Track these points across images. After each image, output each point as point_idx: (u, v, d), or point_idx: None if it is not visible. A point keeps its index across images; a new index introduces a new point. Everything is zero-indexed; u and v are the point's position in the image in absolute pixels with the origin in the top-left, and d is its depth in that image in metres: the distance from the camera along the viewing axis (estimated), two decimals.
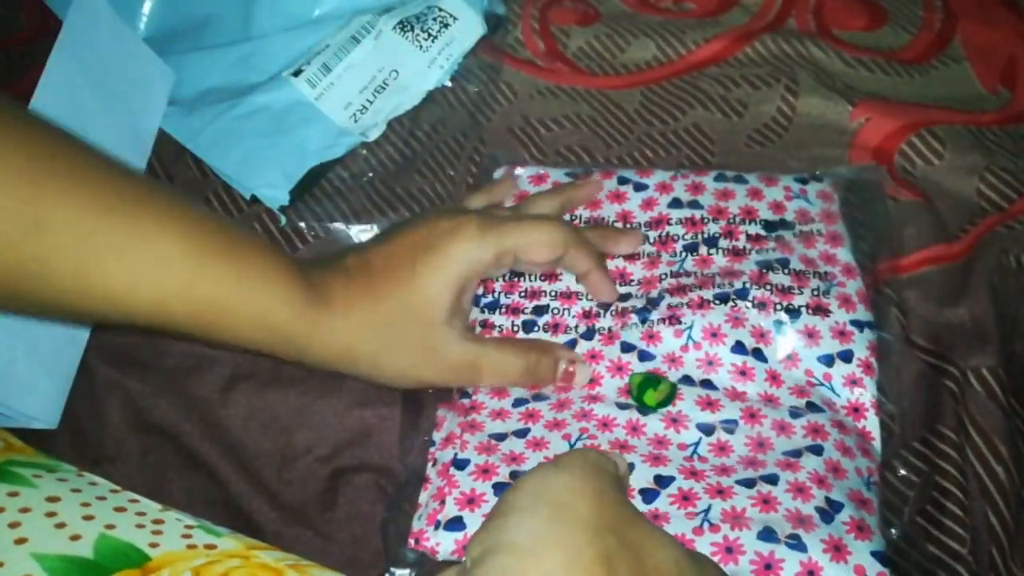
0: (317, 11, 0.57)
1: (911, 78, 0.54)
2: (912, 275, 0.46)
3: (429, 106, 0.55)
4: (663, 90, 0.55)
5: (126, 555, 0.32)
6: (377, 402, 0.45)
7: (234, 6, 0.58)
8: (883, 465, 0.41)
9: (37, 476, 0.35)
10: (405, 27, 0.55)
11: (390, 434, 0.44)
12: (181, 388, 0.46)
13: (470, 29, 0.55)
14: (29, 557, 0.31)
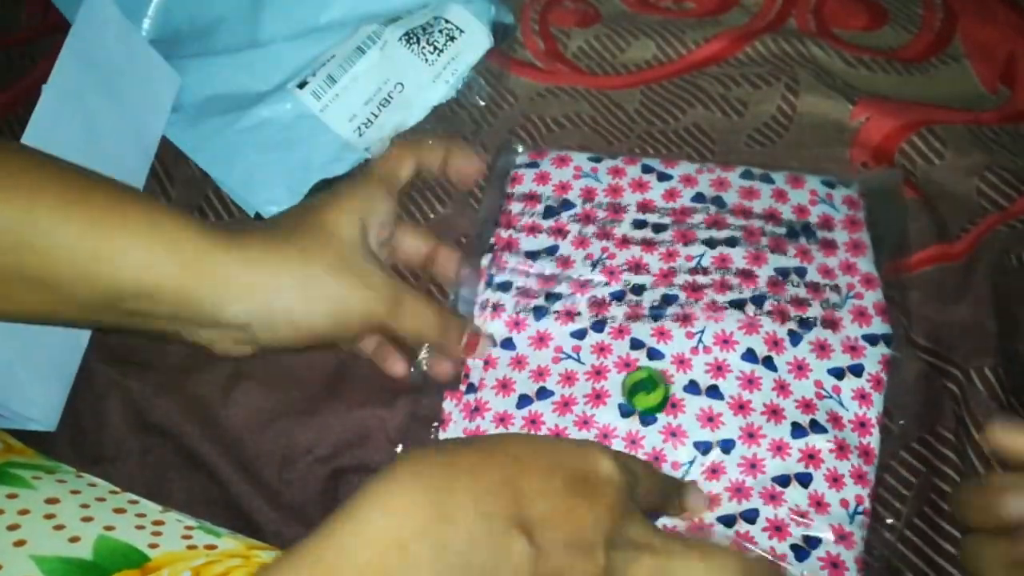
0: (324, 18, 0.57)
1: (911, 77, 0.54)
2: (913, 275, 0.46)
3: (433, 122, 0.54)
4: (663, 89, 0.55)
5: (125, 556, 0.32)
6: (377, 402, 0.45)
7: (241, 11, 0.58)
8: (879, 471, 0.41)
9: (36, 478, 0.35)
10: (411, 39, 0.54)
11: (390, 434, 0.44)
12: (181, 388, 0.46)
13: (476, 42, 0.55)
14: (28, 559, 0.31)
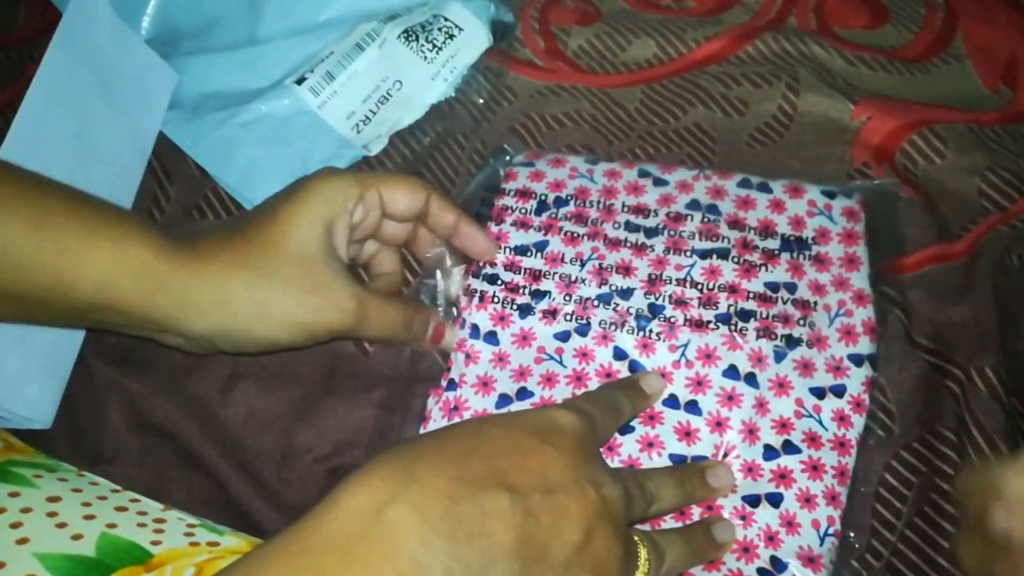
0: (323, 15, 0.56)
1: (912, 76, 0.54)
2: (914, 274, 0.46)
3: (432, 119, 0.54)
4: (664, 88, 0.55)
5: (128, 553, 0.32)
6: (376, 402, 0.45)
7: (240, 8, 0.57)
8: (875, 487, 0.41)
9: (38, 476, 0.35)
10: (410, 36, 0.54)
11: (389, 433, 0.44)
12: (181, 388, 0.46)
13: (475, 40, 0.55)
14: (31, 557, 0.31)
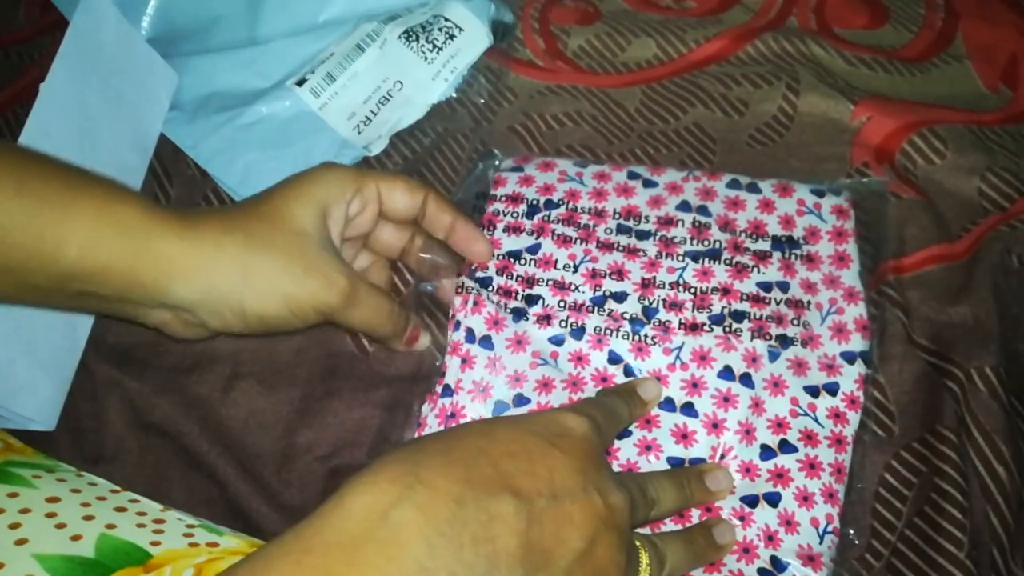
0: (323, 16, 0.56)
1: (912, 77, 0.54)
2: (914, 274, 0.46)
3: (432, 119, 0.54)
4: (664, 88, 0.55)
5: (127, 554, 0.32)
6: (376, 402, 0.45)
7: (240, 9, 0.57)
8: (856, 477, 0.41)
9: (37, 477, 0.35)
10: (411, 37, 0.54)
11: (389, 433, 0.44)
12: (181, 388, 0.46)
13: (476, 40, 0.55)
14: (30, 558, 0.31)
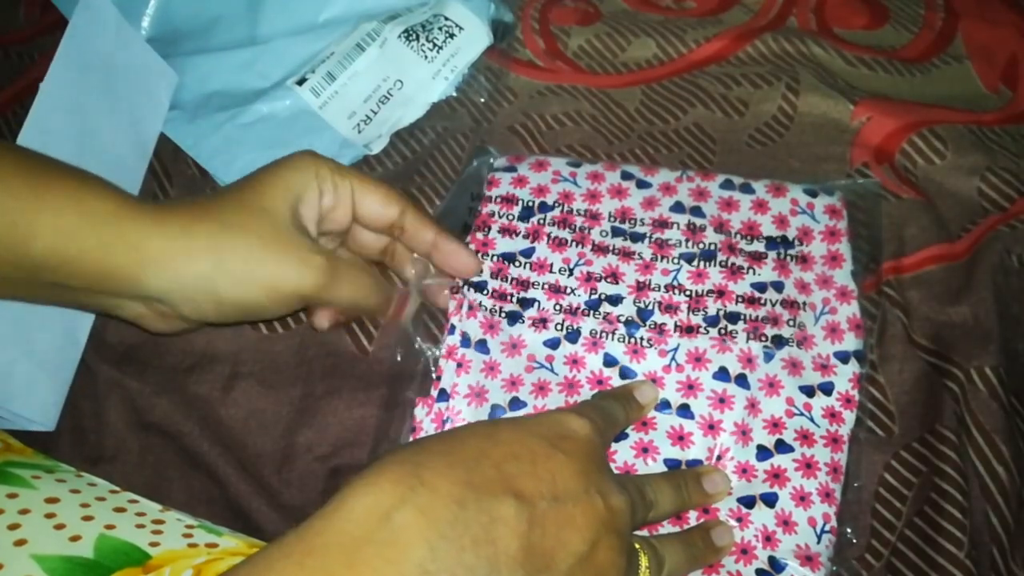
0: (324, 15, 0.56)
1: (912, 77, 0.54)
2: (914, 274, 0.46)
3: (432, 118, 0.54)
4: (664, 89, 0.55)
5: (127, 554, 0.32)
6: (377, 402, 0.45)
7: (240, 8, 0.57)
8: (851, 476, 0.41)
9: (36, 477, 0.35)
10: (411, 36, 0.54)
11: (389, 433, 0.44)
12: (181, 388, 0.46)
13: (476, 39, 0.55)
14: (29, 558, 0.31)
